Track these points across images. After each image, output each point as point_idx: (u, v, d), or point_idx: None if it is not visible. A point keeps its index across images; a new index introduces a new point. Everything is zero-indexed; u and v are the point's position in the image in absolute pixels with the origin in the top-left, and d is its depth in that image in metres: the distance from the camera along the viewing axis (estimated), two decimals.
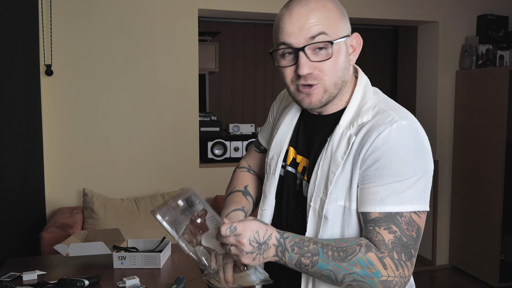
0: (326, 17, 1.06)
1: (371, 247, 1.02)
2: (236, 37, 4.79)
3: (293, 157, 1.23)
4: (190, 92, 3.49)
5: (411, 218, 1.03)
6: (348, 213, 1.08)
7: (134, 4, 3.32)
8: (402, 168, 1.03)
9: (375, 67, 5.00)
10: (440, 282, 3.96)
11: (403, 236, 1.02)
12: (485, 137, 3.76)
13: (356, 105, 1.13)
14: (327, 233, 1.10)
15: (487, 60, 3.86)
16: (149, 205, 3.17)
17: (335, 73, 1.08)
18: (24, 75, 2.78)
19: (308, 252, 1.03)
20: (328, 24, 1.06)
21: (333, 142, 1.11)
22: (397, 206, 1.03)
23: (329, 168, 1.10)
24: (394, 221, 1.02)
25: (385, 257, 1.01)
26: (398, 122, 1.04)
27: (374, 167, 1.04)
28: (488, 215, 3.75)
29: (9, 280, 1.78)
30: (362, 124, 1.09)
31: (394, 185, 1.03)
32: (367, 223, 1.05)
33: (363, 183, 1.06)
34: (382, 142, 1.03)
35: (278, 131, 1.27)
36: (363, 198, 1.06)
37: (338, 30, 1.07)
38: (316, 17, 1.05)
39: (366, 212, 1.05)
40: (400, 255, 1.02)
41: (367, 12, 3.77)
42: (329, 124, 1.15)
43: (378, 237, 1.02)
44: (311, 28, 1.05)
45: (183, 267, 1.97)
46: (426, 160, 1.07)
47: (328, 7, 1.07)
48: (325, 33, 1.05)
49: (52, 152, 3.23)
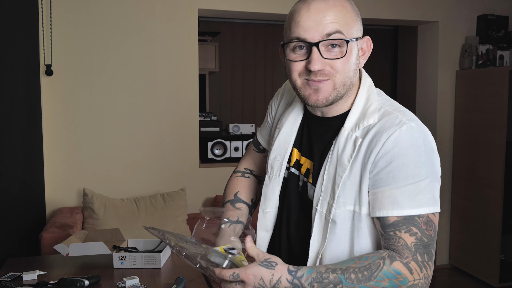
0: (343, 15, 1.05)
1: (394, 256, 1.01)
2: (236, 37, 4.78)
3: (297, 158, 1.22)
4: (190, 92, 3.49)
5: (429, 218, 1.03)
6: (358, 217, 1.07)
7: (134, 4, 3.32)
8: (415, 170, 1.02)
9: (375, 67, 5.00)
10: (440, 282, 3.95)
11: (424, 236, 1.02)
12: (485, 137, 3.76)
13: (361, 107, 1.12)
14: (335, 238, 1.09)
15: (487, 60, 3.86)
16: (149, 205, 3.17)
17: (345, 73, 1.07)
18: (24, 75, 2.78)
19: (330, 284, 0.99)
20: (345, 23, 1.05)
21: (338, 144, 1.10)
22: (414, 209, 1.02)
23: (336, 171, 1.09)
24: (413, 222, 1.02)
25: (410, 261, 1.00)
26: (407, 124, 1.04)
27: (387, 170, 1.03)
28: (488, 215, 3.75)
29: (9, 280, 1.78)
30: (368, 127, 1.08)
31: (409, 188, 1.02)
32: (386, 228, 1.03)
33: (376, 187, 1.04)
34: (393, 145, 1.02)
35: (281, 131, 1.25)
36: (378, 203, 1.04)
37: (353, 31, 1.07)
38: (334, 14, 1.04)
39: (384, 217, 1.03)
40: (423, 256, 1.01)
41: (367, 12, 3.77)
42: (334, 126, 1.14)
43: (401, 241, 1.01)
44: (328, 25, 1.04)
45: (183, 267, 1.97)
46: (435, 161, 1.07)
47: (346, 7, 1.07)
48: (341, 32, 1.05)
49: (52, 152, 3.23)
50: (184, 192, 3.32)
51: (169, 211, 3.17)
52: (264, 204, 1.26)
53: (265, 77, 4.92)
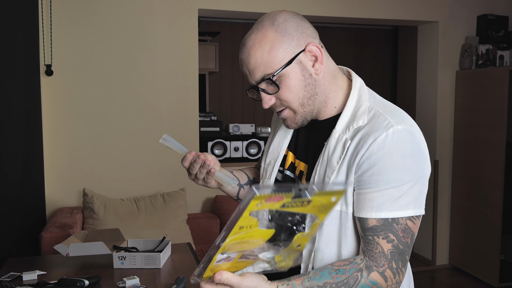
0: (261, 54, 1.07)
1: (371, 267, 1.03)
2: (236, 37, 4.78)
3: (292, 161, 1.24)
4: (190, 92, 3.49)
5: (407, 226, 1.05)
6: (345, 217, 1.09)
7: (134, 4, 3.32)
8: (397, 174, 1.03)
9: (375, 67, 5.00)
10: (440, 282, 3.96)
11: (400, 244, 1.04)
12: (485, 137, 3.76)
13: (351, 109, 1.12)
14: (323, 238, 1.10)
15: (487, 60, 3.86)
16: (149, 205, 3.17)
17: (294, 97, 1.10)
18: (24, 75, 2.78)
19: None
20: (266, 62, 1.07)
21: (329, 146, 1.12)
22: (392, 212, 1.04)
23: (325, 173, 1.11)
24: (391, 229, 1.04)
25: (385, 270, 1.03)
26: (394, 127, 1.04)
27: (370, 172, 1.04)
28: (488, 215, 3.75)
29: (9, 280, 1.78)
30: (358, 128, 1.08)
31: (390, 191, 1.03)
32: (365, 231, 1.06)
33: (359, 187, 1.06)
34: (378, 148, 1.03)
35: (276, 136, 1.29)
36: (360, 203, 1.06)
37: (279, 60, 1.07)
38: (253, 59, 1.08)
39: (364, 218, 1.05)
40: (397, 263, 1.04)
41: (367, 12, 3.77)
42: (326, 129, 1.16)
43: (378, 248, 1.04)
44: (253, 75, 1.09)
45: (183, 267, 1.97)
46: (423, 164, 1.07)
47: (264, 39, 1.07)
48: (265, 74, 1.08)
49: (52, 152, 3.23)
50: (184, 192, 3.32)
51: (169, 211, 3.17)
52: None
53: None
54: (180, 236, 3.08)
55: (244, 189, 1.39)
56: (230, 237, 0.88)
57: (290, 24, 1.08)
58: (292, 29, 1.08)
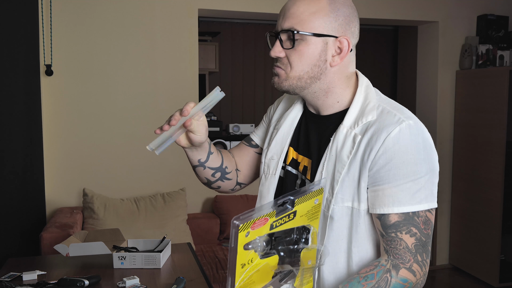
0: (303, 9, 1.08)
1: (398, 265, 1.03)
2: (236, 37, 4.78)
3: (293, 157, 1.23)
4: (190, 92, 3.49)
5: (427, 217, 1.06)
6: (357, 214, 1.08)
7: (134, 4, 3.32)
8: (414, 168, 1.04)
9: (375, 67, 5.00)
10: (440, 282, 3.96)
11: (422, 236, 1.05)
12: (485, 137, 3.76)
13: (359, 105, 1.13)
14: (333, 234, 1.10)
15: (487, 60, 3.86)
16: (149, 205, 3.17)
17: (298, 64, 1.10)
18: (24, 75, 2.78)
19: None
20: (301, 19, 1.08)
21: (337, 141, 1.11)
22: (413, 206, 1.04)
23: (335, 168, 1.10)
24: (413, 222, 1.04)
25: (412, 264, 1.03)
26: (406, 122, 1.05)
27: (387, 167, 1.04)
28: (488, 215, 3.75)
29: (9, 280, 1.78)
30: (367, 124, 1.09)
31: (409, 185, 1.04)
32: (387, 228, 1.05)
33: (376, 184, 1.06)
34: (393, 142, 1.04)
35: (279, 131, 1.27)
36: (378, 200, 1.06)
37: (313, 26, 1.08)
38: (295, 8, 1.09)
39: (385, 215, 1.05)
40: (422, 255, 1.05)
41: (367, 12, 3.77)
42: (331, 124, 1.16)
43: (402, 244, 1.04)
44: (284, 21, 1.09)
45: (183, 267, 1.97)
46: (434, 157, 1.09)
47: (316, 1, 1.08)
48: (293, 27, 1.08)
49: (52, 152, 3.23)
50: (184, 192, 3.32)
51: (169, 211, 3.17)
52: (259, 203, 1.27)
53: (265, 77, 4.92)
54: (180, 236, 3.08)
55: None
56: (238, 281, 0.84)
57: (345, 9, 1.10)
58: (343, 14, 1.10)
